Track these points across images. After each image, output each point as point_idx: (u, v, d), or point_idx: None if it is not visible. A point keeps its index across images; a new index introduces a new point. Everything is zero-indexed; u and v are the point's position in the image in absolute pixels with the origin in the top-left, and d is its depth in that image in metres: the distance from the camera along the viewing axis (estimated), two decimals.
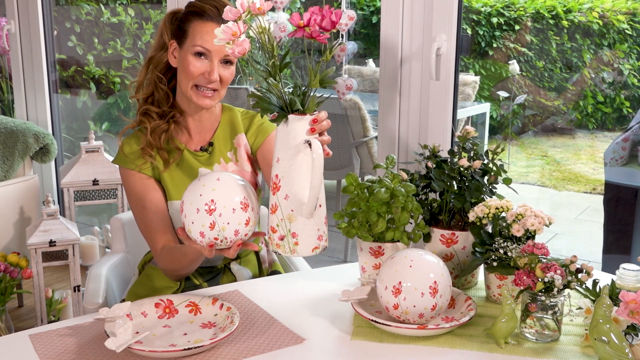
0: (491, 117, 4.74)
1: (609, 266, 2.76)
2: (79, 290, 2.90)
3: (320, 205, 1.40)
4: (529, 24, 4.85)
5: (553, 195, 4.60)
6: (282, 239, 1.40)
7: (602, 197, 3.23)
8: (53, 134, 3.66)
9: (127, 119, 1.87)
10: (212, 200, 1.40)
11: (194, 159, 1.82)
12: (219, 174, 1.48)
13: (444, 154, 1.82)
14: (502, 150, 1.72)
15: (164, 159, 1.79)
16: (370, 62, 5.05)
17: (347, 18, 2.81)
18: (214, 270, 1.85)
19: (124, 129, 1.87)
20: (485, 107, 4.47)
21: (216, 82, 1.73)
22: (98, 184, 3.05)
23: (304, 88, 1.39)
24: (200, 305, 1.55)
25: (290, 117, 1.37)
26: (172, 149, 1.81)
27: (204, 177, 1.46)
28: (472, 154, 1.73)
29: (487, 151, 1.73)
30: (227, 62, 1.75)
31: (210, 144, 1.84)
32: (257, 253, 1.95)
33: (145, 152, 1.78)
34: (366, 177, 1.69)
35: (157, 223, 1.76)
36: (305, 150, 1.37)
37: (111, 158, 3.12)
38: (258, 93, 1.39)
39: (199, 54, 1.73)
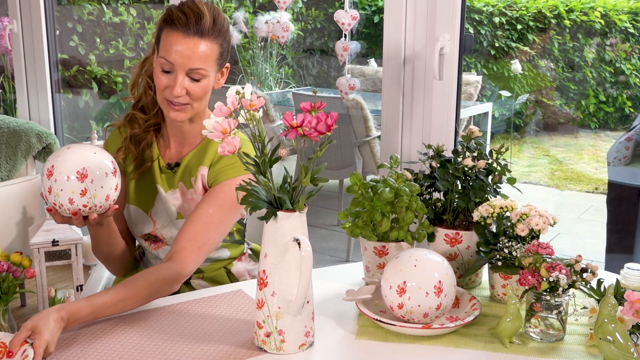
0: (493, 116, 4.74)
1: (612, 266, 2.76)
2: (81, 290, 2.90)
3: (308, 302, 1.39)
4: (532, 23, 4.85)
5: (555, 195, 4.60)
6: (268, 335, 1.39)
7: (604, 196, 3.23)
8: (55, 133, 3.66)
9: (117, 116, 1.85)
10: (52, 166, 1.47)
11: (159, 174, 1.75)
12: (75, 144, 1.53)
13: (447, 153, 1.82)
14: (506, 149, 1.72)
15: (136, 166, 1.75)
16: (372, 61, 5.05)
17: (350, 18, 2.81)
18: None
19: (108, 125, 1.83)
20: (487, 107, 4.47)
21: (182, 96, 1.61)
22: None
23: (294, 183, 1.37)
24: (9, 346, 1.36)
25: (280, 214, 1.35)
26: (146, 159, 1.76)
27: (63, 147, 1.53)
28: (476, 154, 1.72)
29: (491, 151, 1.73)
30: (195, 78, 1.61)
31: (177, 164, 1.75)
32: (227, 270, 1.85)
33: (119, 155, 1.75)
34: (368, 177, 1.69)
35: None
36: (293, 248, 1.35)
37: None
38: (247, 187, 1.37)
39: (165, 66, 1.61)
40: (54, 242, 2.81)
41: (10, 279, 2.63)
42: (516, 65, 4.76)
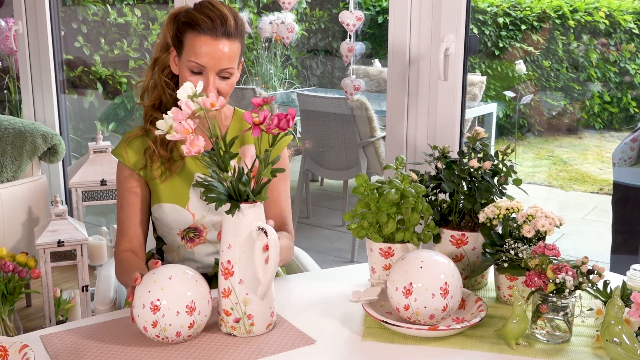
0: (497, 116, 4.74)
1: (617, 267, 2.76)
2: (87, 290, 2.91)
3: None
4: (536, 23, 4.85)
5: (560, 196, 4.60)
6: (237, 321, 1.46)
7: (609, 197, 3.23)
8: (60, 134, 3.67)
9: (133, 124, 1.81)
10: (158, 300, 1.39)
11: (194, 164, 1.77)
12: (174, 271, 1.44)
13: (452, 154, 1.82)
14: (512, 151, 1.72)
15: (167, 168, 1.76)
16: (377, 62, 5.05)
17: (355, 19, 2.82)
18: (204, 278, 1.83)
19: (129, 136, 1.78)
20: (491, 107, 4.46)
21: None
22: (106, 184, 3.06)
23: (246, 177, 1.43)
24: (9, 351, 1.39)
25: (243, 206, 1.42)
26: (176, 158, 1.77)
27: (158, 272, 1.44)
28: (481, 155, 1.72)
29: (497, 152, 1.73)
30: (225, 77, 1.69)
31: (213, 148, 1.81)
32: None
33: (151, 159, 1.75)
34: (373, 178, 1.70)
35: (126, 227, 1.77)
36: (259, 236, 1.43)
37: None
38: (204, 182, 1.43)
39: (194, 69, 1.67)
40: (60, 243, 2.82)
41: (16, 280, 2.64)
42: (520, 66, 4.76)
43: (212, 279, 1.83)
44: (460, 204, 1.71)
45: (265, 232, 1.41)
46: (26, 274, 2.67)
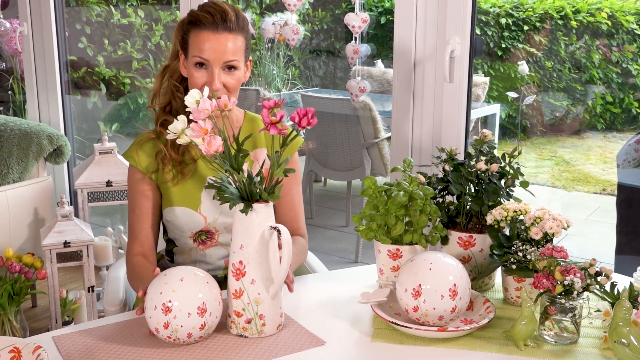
0: (500, 117, 4.75)
1: (622, 267, 2.76)
2: (93, 291, 2.92)
3: None
4: (538, 24, 4.86)
5: (563, 196, 4.61)
6: (249, 322, 1.47)
7: (612, 197, 3.23)
8: (65, 135, 3.68)
9: (144, 128, 1.83)
10: (170, 301, 1.39)
11: (206, 165, 1.78)
12: (185, 272, 1.45)
13: (459, 156, 1.83)
14: (519, 153, 1.73)
15: (179, 171, 1.77)
16: (379, 62, 5.06)
17: (361, 21, 2.82)
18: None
19: (141, 139, 1.80)
20: (495, 108, 4.47)
21: (220, 90, 1.70)
22: (111, 185, 3.07)
23: (259, 177, 1.45)
24: (22, 352, 1.39)
25: (255, 205, 1.43)
26: (188, 161, 1.78)
27: (169, 273, 1.44)
28: (488, 157, 1.74)
29: (503, 154, 1.74)
30: (230, 67, 1.72)
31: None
32: None
33: (162, 162, 1.76)
34: (376, 179, 1.71)
35: (138, 231, 1.78)
36: (271, 236, 1.45)
37: (123, 159, 3.13)
38: (215, 184, 1.44)
39: (199, 64, 1.71)
40: (66, 244, 2.83)
41: (22, 280, 2.66)
42: (523, 67, 4.76)
43: (221, 282, 1.85)
44: (468, 206, 1.72)
45: (279, 231, 1.42)
46: (32, 274, 2.69)
